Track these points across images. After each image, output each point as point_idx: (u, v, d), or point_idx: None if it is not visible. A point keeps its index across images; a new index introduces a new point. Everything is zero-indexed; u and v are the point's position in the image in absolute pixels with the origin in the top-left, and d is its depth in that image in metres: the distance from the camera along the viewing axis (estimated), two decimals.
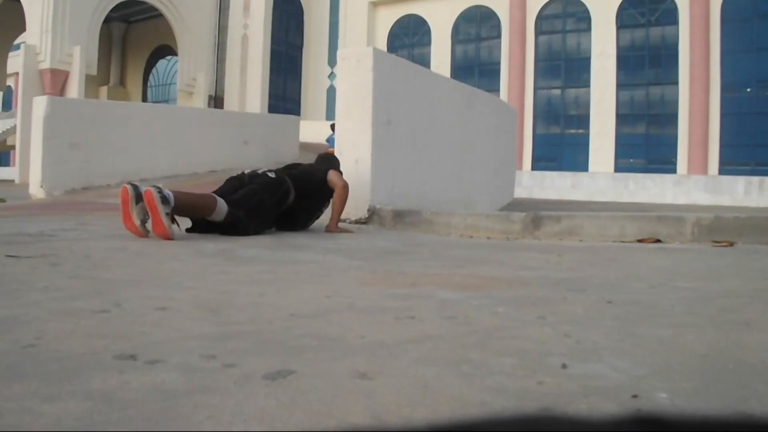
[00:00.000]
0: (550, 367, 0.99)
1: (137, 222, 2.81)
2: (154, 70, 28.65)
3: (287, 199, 3.45)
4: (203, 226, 3.16)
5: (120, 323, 1.22)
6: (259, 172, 3.46)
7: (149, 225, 2.85)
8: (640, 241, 3.26)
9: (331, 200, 3.66)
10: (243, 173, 3.47)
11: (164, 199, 2.77)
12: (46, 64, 18.48)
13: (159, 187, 2.78)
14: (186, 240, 2.85)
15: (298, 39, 26.07)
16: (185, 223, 3.11)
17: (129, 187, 2.82)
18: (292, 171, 3.59)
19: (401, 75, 4.60)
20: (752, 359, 1.07)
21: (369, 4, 25.21)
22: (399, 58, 5.26)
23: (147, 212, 2.82)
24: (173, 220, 2.85)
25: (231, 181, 3.42)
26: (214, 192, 3.25)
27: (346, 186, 3.62)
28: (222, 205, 3.07)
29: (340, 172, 3.73)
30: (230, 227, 3.13)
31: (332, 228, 3.63)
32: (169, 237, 2.79)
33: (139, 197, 2.79)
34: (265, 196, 3.29)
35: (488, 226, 3.65)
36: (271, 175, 3.42)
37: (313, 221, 3.73)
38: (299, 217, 3.61)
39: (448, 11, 24.04)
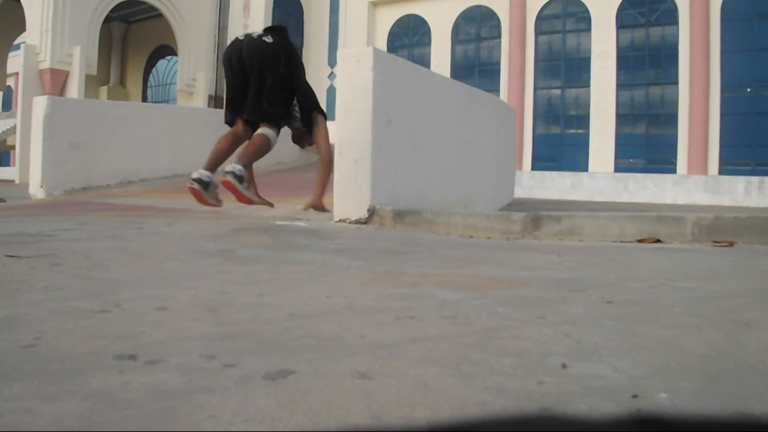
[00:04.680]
0: (550, 367, 0.99)
1: (213, 202, 3.16)
2: (154, 70, 28.64)
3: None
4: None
5: (120, 323, 1.22)
6: (255, 36, 3.32)
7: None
8: (640, 241, 3.26)
9: (316, 174, 3.60)
10: (237, 40, 3.34)
11: (241, 179, 3.06)
12: (46, 64, 18.48)
13: (232, 172, 3.03)
14: (186, 240, 2.85)
15: (298, 39, 26.05)
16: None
17: (196, 186, 3.08)
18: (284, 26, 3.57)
19: (401, 75, 4.60)
20: (752, 359, 1.07)
21: (369, 4, 25.20)
22: (399, 58, 5.26)
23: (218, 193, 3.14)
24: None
25: (231, 60, 3.28)
26: (229, 101, 3.34)
27: (332, 159, 3.61)
28: (273, 136, 3.26)
29: (321, 111, 3.62)
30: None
31: (317, 202, 3.56)
32: (253, 203, 3.23)
33: (206, 185, 3.09)
34: (269, 80, 3.22)
35: (488, 226, 3.65)
36: (268, 39, 3.29)
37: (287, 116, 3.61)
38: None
39: (448, 11, 24.03)
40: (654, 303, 1.58)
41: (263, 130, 3.24)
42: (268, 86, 3.18)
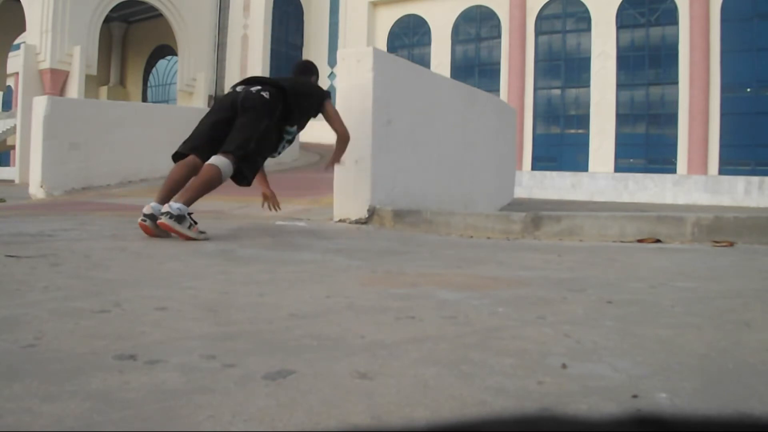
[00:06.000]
0: (550, 367, 0.99)
1: (163, 235, 2.92)
2: (154, 70, 28.64)
3: (287, 116, 3.31)
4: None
5: (120, 323, 1.22)
6: (253, 90, 3.21)
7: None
8: (640, 241, 3.26)
9: (335, 141, 3.57)
10: (235, 91, 3.25)
11: (180, 219, 2.82)
12: (46, 64, 18.48)
13: (168, 212, 2.80)
14: (185, 240, 2.85)
15: (298, 39, 26.06)
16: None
17: (146, 223, 2.89)
18: (284, 85, 3.32)
19: (401, 75, 4.60)
20: (752, 359, 1.07)
21: (369, 4, 25.21)
22: (399, 58, 5.26)
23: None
24: (195, 222, 2.91)
25: (222, 103, 3.26)
26: (205, 123, 3.21)
27: (347, 135, 3.57)
28: (226, 169, 3.01)
29: (330, 96, 3.57)
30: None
31: (335, 160, 3.65)
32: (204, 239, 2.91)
33: (155, 224, 2.89)
34: (263, 124, 3.13)
35: (488, 226, 3.65)
36: (266, 95, 3.18)
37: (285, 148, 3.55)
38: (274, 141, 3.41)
39: (448, 11, 24.04)
40: (654, 303, 1.58)
41: (217, 160, 2.99)
42: (261, 131, 3.12)
